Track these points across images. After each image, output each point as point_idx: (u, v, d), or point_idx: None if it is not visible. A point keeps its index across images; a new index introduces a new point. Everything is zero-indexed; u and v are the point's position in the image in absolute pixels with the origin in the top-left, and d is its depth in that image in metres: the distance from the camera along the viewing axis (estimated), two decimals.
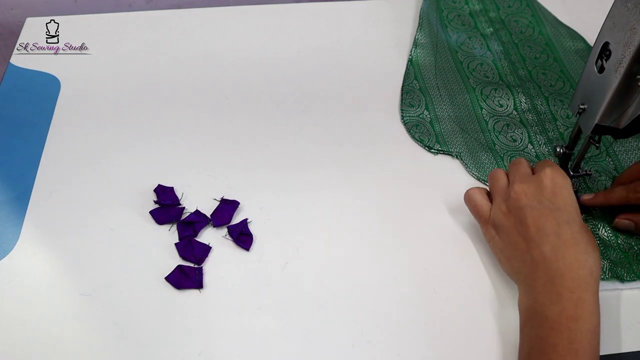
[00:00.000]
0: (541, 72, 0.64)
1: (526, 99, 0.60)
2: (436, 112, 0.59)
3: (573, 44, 0.67)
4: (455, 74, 0.63)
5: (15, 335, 0.43)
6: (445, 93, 0.61)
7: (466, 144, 0.56)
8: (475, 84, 0.62)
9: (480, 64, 0.64)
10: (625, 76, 0.41)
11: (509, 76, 0.63)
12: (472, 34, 0.68)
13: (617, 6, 0.42)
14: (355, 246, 0.49)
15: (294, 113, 0.59)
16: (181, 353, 0.42)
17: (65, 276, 0.46)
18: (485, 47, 0.66)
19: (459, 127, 0.58)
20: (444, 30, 0.68)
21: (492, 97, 0.60)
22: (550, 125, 0.58)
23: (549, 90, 0.61)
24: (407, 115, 0.59)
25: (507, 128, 0.58)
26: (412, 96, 0.61)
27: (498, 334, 0.44)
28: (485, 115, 0.59)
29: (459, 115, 0.59)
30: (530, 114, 0.59)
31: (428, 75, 0.63)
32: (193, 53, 0.66)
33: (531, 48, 0.66)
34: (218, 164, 0.54)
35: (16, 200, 0.51)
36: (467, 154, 0.55)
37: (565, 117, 0.59)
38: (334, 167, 0.54)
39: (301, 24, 0.70)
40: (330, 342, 0.43)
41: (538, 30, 0.68)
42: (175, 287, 0.45)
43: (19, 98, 0.60)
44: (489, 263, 0.48)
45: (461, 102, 0.60)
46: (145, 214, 0.50)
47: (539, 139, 0.57)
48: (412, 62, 0.64)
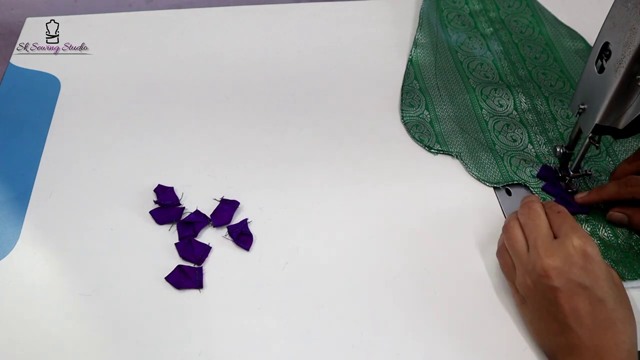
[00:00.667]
0: (541, 72, 0.63)
1: (526, 99, 0.60)
2: (436, 112, 0.59)
3: (573, 44, 0.67)
4: (455, 74, 0.63)
5: (15, 335, 0.43)
6: (445, 93, 0.61)
7: (466, 144, 0.56)
8: (475, 84, 0.62)
9: (480, 64, 0.64)
10: (625, 76, 0.41)
11: (509, 76, 0.63)
12: (472, 34, 0.68)
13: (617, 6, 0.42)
14: (355, 246, 0.49)
15: (294, 113, 0.59)
16: (181, 353, 0.42)
17: (65, 276, 0.46)
18: (485, 47, 0.66)
19: (459, 127, 0.58)
20: (444, 30, 0.68)
21: (492, 97, 0.60)
22: (550, 125, 0.58)
23: (549, 90, 0.61)
24: (407, 115, 0.59)
25: (507, 128, 0.58)
26: (412, 96, 0.61)
27: (498, 334, 0.44)
28: (485, 115, 0.59)
29: (459, 115, 0.59)
30: (530, 114, 0.59)
31: (428, 75, 0.63)
32: (193, 53, 0.66)
33: (531, 48, 0.66)
34: (218, 164, 0.54)
35: (16, 200, 0.51)
36: (467, 154, 0.55)
37: (565, 117, 0.59)
38: (334, 167, 0.54)
39: (301, 24, 0.70)
40: (330, 342, 0.43)
41: (538, 30, 0.68)
42: (175, 287, 0.45)
43: (19, 98, 0.60)
44: (489, 263, 0.48)
45: (461, 102, 0.60)
46: (145, 214, 0.50)
47: (539, 139, 0.57)
48: (412, 62, 0.64)
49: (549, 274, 0.39)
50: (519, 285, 0.42)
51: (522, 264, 0.42)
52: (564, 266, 0.39)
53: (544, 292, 0.40)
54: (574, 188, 0.52)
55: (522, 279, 0.42)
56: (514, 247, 0.43)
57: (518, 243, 0.43)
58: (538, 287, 0.40)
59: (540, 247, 0.41)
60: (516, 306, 0.44)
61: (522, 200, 0.46)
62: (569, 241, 0.40)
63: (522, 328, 0.44)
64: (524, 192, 0.53)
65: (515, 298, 0.44)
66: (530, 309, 0.42)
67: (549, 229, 0.42)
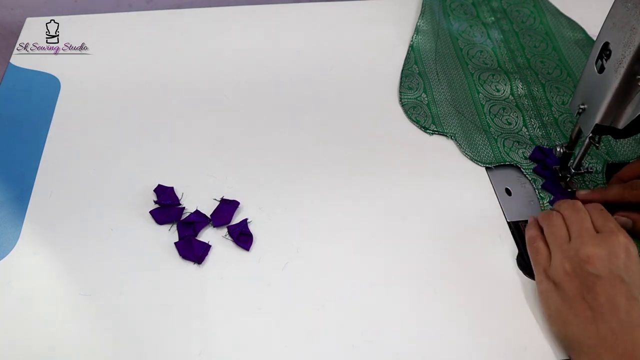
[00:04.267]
0: (539, 61, 0.65)
1: (523, 85, 0.62)
2: (434, 95, 0.61)
3: (573, 35, 0.68)
4: (455, 60, 0.65)
5: (15, 335, 0.43)
6: (444, 78, 0.63)
7: (461, 125, 0.58)
8: (474, 69, 0.63)
9: (479, 51, 0.66)
10: (625, 76, 0.41)
11: (508, 63, 0.64)
12: (473, 22, 0.69)
13: (617, 6, 0.42)
14: (355, 246, 0.49)
15: (294, 113, 0.59)
16: (181, 353, 0.42)
17: (65, 276, 0.46)
18: (485, 35, 0.68)
19: (455, 110, 0.59)
20: (446, 18, 0.69)
21: (489, 82, 0.62)
22: (546, 110, 0.59)
23: (546, 77, 0.63)
24: (405, 97, 0.60)
25: (503, 111, 0.59)
26: (411, 80, 0.62)
27: (499, 334, 0.44)
28: (482, 99, 0.60)
29: (455, 98, 0.60)
30: (526, 99, 0.60)
31: (428, 61, 0.64)
32: (193, 53, 0.66)
33: (531, 37, 0.68)
34: (218, 164, 0.54)
35: (16, 200, 0.51)
36: (462, 135, 0.57)
37: (561, 103, 0.60)
38: (334, 167, 0.54)
39: (301, 24, 0.70)
40: (330, 342, 0.43)
41: (539, 20, 0.70)
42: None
43: (19, 98, 0.60)
44: (490, 263, 0.48)
45: (459, 87, 0.62)
46: (145, 214, 0.50)
47: (533, 123, 0.58)
48: (413, 48, 0.66)
49: (593, 261, 0.40)
50: (554, 270, 0.43)
51: (561, 250, 0.43)
52: (609, 256, 0.40)
53: (583, 278, 0.40)
54: (574, 187, 0.52)
55: (559, 264, 0.42)
56: (556, 234, 0.44)
57: (561, 230, 0.44)
58: (577, 273, 0.41)
59: (585, 236, 0.42)
60: (540, 294, 0.44)
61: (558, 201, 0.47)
62: (615, 237, 0.41)
63: (523, 328, 0.44)
64: (524, 192, 0.53)
65: (542, 286, 0.44)
66: (562, 295, 0.42)
67: (592, 224, 0.43)
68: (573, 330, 0.41)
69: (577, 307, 0.40)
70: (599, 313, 0.39)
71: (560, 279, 0.42)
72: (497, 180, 0.54)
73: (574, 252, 0.41)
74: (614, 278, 0.39)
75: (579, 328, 0.40)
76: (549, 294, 0.43)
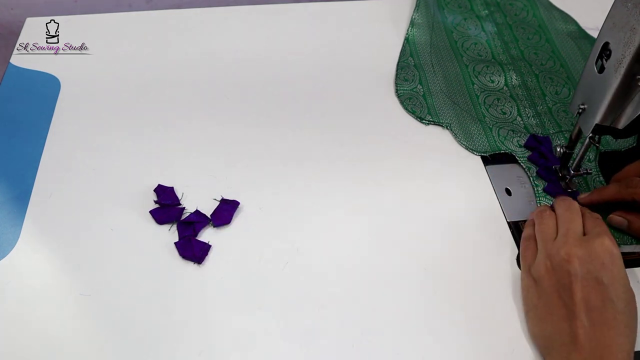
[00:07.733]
0: (533, 52, 0.66)
1: (517, 76, 0.63)
2: (429, 86, 0.62)
3: (565, 27, 0.69)
4: (450, 52, 0.66)
5: (15, 335, 0.43)
6: (439, 69, 0.64)
7: (457, 115, 0.59)
8: (469, 61, 0.64)
9: (474, 43, 0.67)
10: (625, 76, 0.41)
11: (502, 55, 0.65)
12: (467, 15, 0.70)
13: (617, 6, 0.42)
14: (355, 246, 0.49)
15: (294, 113, 0.59)
16: (181, 353, 0.42)
17: (65, 276, 0.46)
18: (479, 28, 0.69)
19: (450, 101, 0.60)
20: (440, 12, 0.70)
21: (484, 74, 0.63)
22: (540, 100, 0.60)
23: (539, 68, 0.64)
24: (401, 88, 0.61)
25: (498, 102, 0.60)
26: (407, 71, 0.63)
27: (498, 334, 0.44)
28: (477, 90, 0.61)
29: (451, 89, 0.61)
30: (520, 89, 0.62)
31: (423, 53, 0.66)
32: (193, 53, 0.66)
33: (524, 29, 0.69)
34: (218, 164, 0.54)
35: (16, 200, 0.51)
36: (457, 124, 0.58)
37: (555, 93, 0.61)
38: (334, 167, 0.54)
39: (301, 24, 0.70)
40: (330, 342, 0.43)
41: (532, 13, 0.71)
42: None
43: (19, 98, 0.60)
44: (489, 263, 0.48)
45: (454, 78, 0.63)
46: (145, 214, 0.50)
47: (527, 112, 0.59)
48: (408, 40, 0.67)
49: (572, 260, 0.40)
50: (536, 267, 0.43)
51: (546, 248, 0.43)
52: (588, 258, 0.40)
53: (561, 276, 0.41)
54: (574, 188, 0.52)
55: (541, 262, 0.43)
56: (544, 232, 0.44)
57: (549, 229, 0.44)
58: (556, 270, 0.41)
59: (570, 236, 0.42)
60: (522, 290, 0.45)
61: (558, 197, 0.48)
62: (599, 240, 0.41)
63: (523, 328, 0.44)
64: (524, 192, 0.53)
65: (523, 282, 0.45)
66: (539, 292, 0.42)
67: (582, 226, 0.44)
68: (547, 327, 0.41)
69: (552, 305, 0.41)
70: (572, 311, 0.39)
71: (540, 275, 0.43)
72: (497, 180, 0.54)
73: (556, 251, 0.42)
74: (591, 279, 0.40)
75: (552, 325, 0.41)
76: (529, 289, 0.44)
